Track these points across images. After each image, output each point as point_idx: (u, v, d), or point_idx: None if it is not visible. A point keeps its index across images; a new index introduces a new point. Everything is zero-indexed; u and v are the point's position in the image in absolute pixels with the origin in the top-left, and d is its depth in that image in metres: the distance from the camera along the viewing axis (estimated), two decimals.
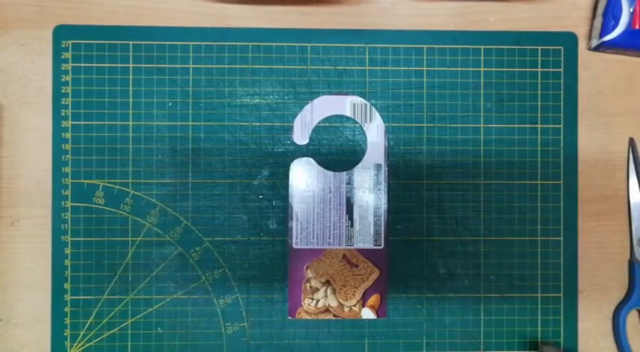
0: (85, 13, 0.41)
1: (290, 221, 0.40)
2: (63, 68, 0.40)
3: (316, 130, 0.41)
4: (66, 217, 0.40)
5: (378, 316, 0.40)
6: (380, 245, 0.41)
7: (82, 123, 0.40)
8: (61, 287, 0.40)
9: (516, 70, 0.41)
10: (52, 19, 0.40)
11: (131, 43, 0.40)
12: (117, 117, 0.40)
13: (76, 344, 0.40)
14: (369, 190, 0.41)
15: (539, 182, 0.41)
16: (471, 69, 0.41)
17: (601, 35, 0.40)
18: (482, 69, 0.41)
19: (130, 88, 0.40)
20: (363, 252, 0.41)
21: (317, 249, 0.40)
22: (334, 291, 0.40)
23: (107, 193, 0.40)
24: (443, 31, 0.41)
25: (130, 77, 0.40)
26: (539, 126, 0.41)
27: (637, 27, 0.39)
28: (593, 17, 0.41)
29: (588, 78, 0.41)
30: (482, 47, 0.41)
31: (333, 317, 0.40)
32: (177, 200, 0.40)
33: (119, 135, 0.40)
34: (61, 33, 0.40)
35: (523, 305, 0.41)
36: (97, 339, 0.40)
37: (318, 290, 0.40)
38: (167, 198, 0.40)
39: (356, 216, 0.41)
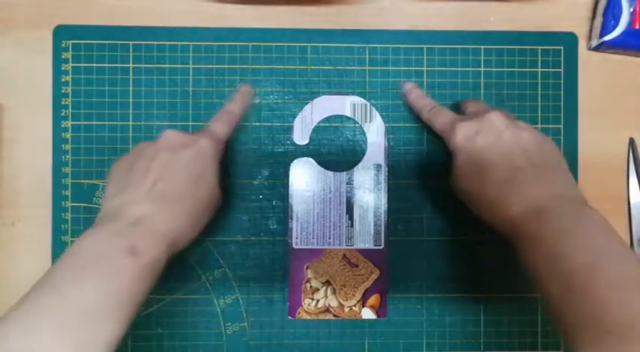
0: (85, 13, 0.40)
1: (290, 221, 0.40)
2: (63, 68, 0.40)
3: (316, 130, 0.41)
4: (66, 217, 0.40)
5: (378, 316, 0.40)
6: (380, 245, 0.41)
7: (82, 123, 0.40)
8: None
9: (516, 70, 0.41)
10: (52, 19, 0.40)
11: (131, 43, 0.40)
12: (117, 117, 0.40)
13: None
14: (369, 190, 0.41)
15: None
16: (471, 69, 0.41)
17: (601, 35, 0.40)
18: (482, 69, 0.41)
19: (130, 88, 0.40)
20: (363, 252, 0.41)
21: (317, 249, 0.40)
22: (334, 291, 0.40)
23: None
24: (443, 31, 0.41)
25: (130, 77, 0.40)
26: (539, 126, 0.41)
27: (637, 27, 0.39)
28: (593, 17, 0.41)
29: (588, 78, 0.41)
30: (482, 47, 0.41)
31: (333, 317, 0.40)
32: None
33: (119, 135, 0.40)
34: (61, 33, 0.40)
35: (523, 305, 0.41)
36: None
37: (318, 290, 0.40)
38: None
39: (356, 216, 0.41)
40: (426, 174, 0.41)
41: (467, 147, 0.34)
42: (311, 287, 0.40)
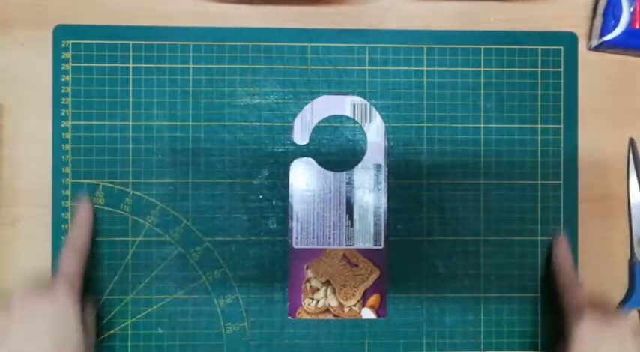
0: (85, 13, 0.40)
1: (290, 221, 0.40)
2: (63, 68, 0.40)
3: (316, 130, 0.41)
4: (66, 217, 0.40)
5: (378, 316, 0.40)
6: (380, 245, 0.41)
7: (82, 123, 0.40)
8: None
9: (516, 70, 0.41)
10: (52, 19, 0.40)
11: (131, 43, 0.40)
12: (117, 117, 0.40)
13: None
14: (369, 190, 0.41)
15: (539, 182, 0.41)
16: (471, 69, 0.41)
17: (601, 35, 0.40)
18: (482, 69, 0.41)
19: (130, 88, 0.40)
20: (363, 252, 0.41)
21: (317, 249, 0.40)
22: (334, 291, 0.40)
23: (107, 193, 0.40)
24: (443, 31, 0.41)
25: (130, 77, 0.40)
26: (539, 126, 0.41)
27: (637, 27, 0.39)
28: (593, 17, 0.41)
29: (588, 78, 0.41)
30: (482, 47, 0.41)
31: (333, 317, 0.40)
32: (177, 200, 0.40)
33: (119, 135, 0.40)
34: (61, 33, 0.40)
35: (523, 305, 0.41)
36: (97, 339, 0.40)
37: (318, 290, 0.40)
38: (167, 198, 0.40)
39: (356, 216, 0.41)
40: (426, 174, 0.41)
41: (587, 343, 0.34)
42: (311, 287, 0.40)
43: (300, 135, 0.41)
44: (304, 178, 0.41)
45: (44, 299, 0.32)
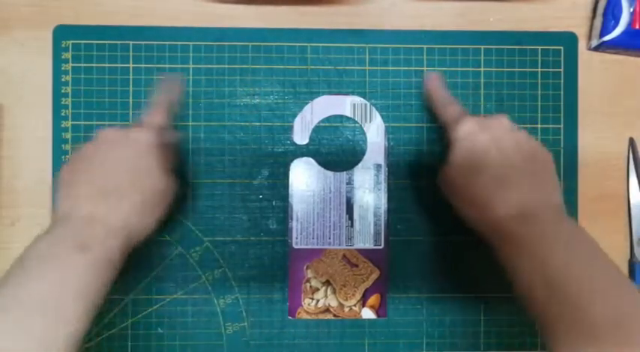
0: (85, 13, 0.40)
1: (290, 221, 0.40)
2: (63, 68, 0.40)
3: (316, 130, 0.41)
4: None
5: (378, 316, 0.40)
6: (380, 245, 0.41)
7: (82, 123, 0.40)
8: None
9: (516, 70, 0.41)
10: (52, 19, 0.40)
11: (131, 43, 0.40)
12: (117, 117, 0.40)
13: None
14: (369, 190, 0.41)
15: None
16: (470, 69, 0.41)
17: (601, 35, 0.40)
18: (482, 69, 0.41)
19: (130, 88, 0.40)
20: (363, 252, 0.41)
21: (317, 249, 0.40)
22: (334, 291, 0.40)
23: None
24: (443, 31, 0.41)
25: (130, 77, 0.40)
26: (539, 126, 0.41)
27: (637, 27, 0.39)
28: (593, 17, 0.41)
29: (588, 78, 0.41)
30: (482, 47, 0.41)
31: (333, 317, 0.40)
32: (177, 200, 0.40)
33: None
34: (61, 33, 0.40)
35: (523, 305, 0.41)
36: (97, 339, 0.40)
37: (318, 290, 0.40)
38: None
39: (356, 216, 0.41)
40: (426, 174, 0.41)
41: (468, 139, 0.34)
42: (311, 287, 0.40)
43: (300, 135, 0.41)
44: (304, 178, 0.41)
45: (122, 137, 0.34)
